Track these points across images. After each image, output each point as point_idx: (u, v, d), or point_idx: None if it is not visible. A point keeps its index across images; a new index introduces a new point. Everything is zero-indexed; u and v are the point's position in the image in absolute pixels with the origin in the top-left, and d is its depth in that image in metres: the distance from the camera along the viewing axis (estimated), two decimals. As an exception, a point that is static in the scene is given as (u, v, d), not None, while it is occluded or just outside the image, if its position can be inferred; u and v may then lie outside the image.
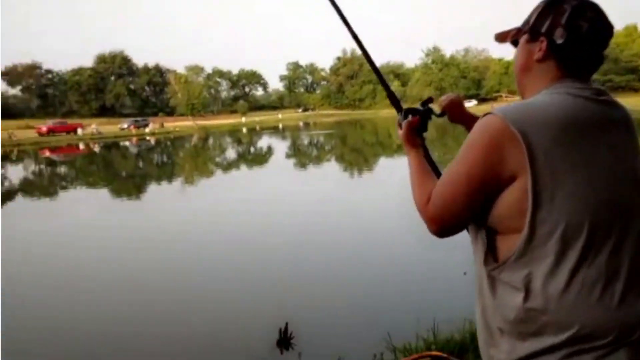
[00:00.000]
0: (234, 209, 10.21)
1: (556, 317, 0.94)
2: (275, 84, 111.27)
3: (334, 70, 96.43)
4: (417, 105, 1.39)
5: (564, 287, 0.94)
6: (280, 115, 75.94)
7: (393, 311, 4.45)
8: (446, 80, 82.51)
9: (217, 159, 25.32)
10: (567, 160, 0.95)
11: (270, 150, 28.99)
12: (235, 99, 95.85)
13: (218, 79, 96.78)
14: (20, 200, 14.43)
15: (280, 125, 59.06)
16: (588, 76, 1.09)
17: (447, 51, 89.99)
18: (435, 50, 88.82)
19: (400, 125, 1.36)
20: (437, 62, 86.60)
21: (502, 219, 1.00)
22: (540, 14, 1.09)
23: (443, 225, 1.06)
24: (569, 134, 0.97)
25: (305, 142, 34.25)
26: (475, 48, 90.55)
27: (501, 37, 1.20)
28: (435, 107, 1.41)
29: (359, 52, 1.50)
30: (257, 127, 56.43)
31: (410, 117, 1.34)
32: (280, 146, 31.87)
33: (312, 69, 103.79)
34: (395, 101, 1.46)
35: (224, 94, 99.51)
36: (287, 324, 3.93)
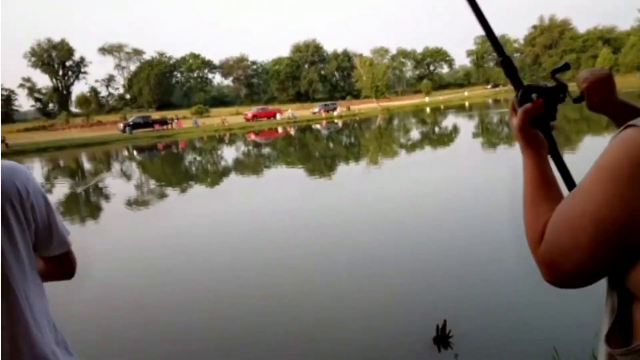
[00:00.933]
0: (415, 191, 10.29)
1: None
2: (462, 60, 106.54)
3: (529, 40, 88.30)
4: (546, 82, 0.95)
5: None
6: (466, 93, 72.81)
7: (559, 322, 3.84)
8: (673, 42, 68.36)
9: (401, 140, 25.60)
10: None
11: (455, 129, 28.15)
12: (420, 78, 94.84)
13: (402, 59, 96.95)
14: (233, 176, 16.81)
15: (467, 103, 56.63)
16: None
17: (678, 6, 74.25)
18: (661, 6, 74.13)
19: (515, 110, 0.94)
20: (662, 21, 72.29)
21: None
22: None
23: (561, 275, 0.75)
24: None
25: (495, 120, 32.28)
26: None
27: None
28: (573, 86, 0.99)
29: (559, 17, 1.11)
30: (442, 106, 55.09)
31: (533, 99, 0.92)
32: (467, 125, 30.67)
33: (504, 41, 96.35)
34: (511, 72, 0.97)
35: (408, 74, 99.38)
36: (445, 321, 3.71)
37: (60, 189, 17.15)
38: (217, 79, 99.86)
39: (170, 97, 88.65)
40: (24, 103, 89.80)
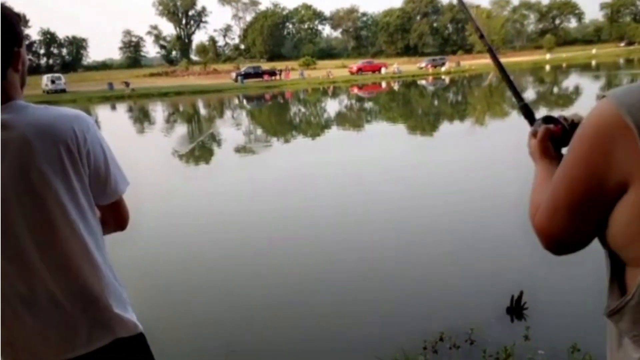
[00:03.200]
0: (517, 155, 9.83)
1: None
2: (594, 14, 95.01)
3: None
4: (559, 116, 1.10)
5: None
6: (594, 51, 65.29)
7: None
8: None
9: (513, 99, 24.10)
10: None
11: (577, 90, 25.80)
12: (543, 32, 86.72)
13: (525, 12, 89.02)
14: (334, 129, 17.22)
15: (594, 62, 51.05)
16: None
17: None
18: None
19: (534, 134, 1.09)
20: None
21: (618, 243, 0.77)
22: None
23: (551, 239, 0.84)
24: None
25: (625, 82, 28.95)
26: None
27: None
28: None
29: None
30: (564, 65, 50.27)
31: (551, 126, 1.08)
32: (590, 87, 27.92)
33: None
34: (529, 113, 1.19)
35: (530, 28, 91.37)
36: (521, 292, 3.67)
37: (179, 130, 18.85)
38: (326, 30, 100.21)
39: (280, 48, 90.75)
40: (151, 50, 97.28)
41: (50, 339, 1.20)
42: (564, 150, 0.91)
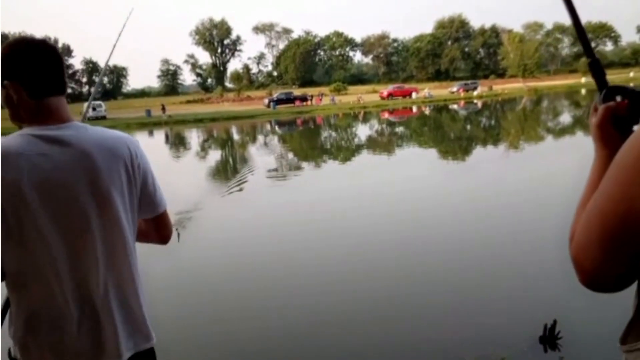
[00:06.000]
0: (557, 179, 9.63)
1: None
2: (631, 37, 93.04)
3: None
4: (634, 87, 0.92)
5: None
6: (632, 74, 63.62)
7: None
8: None
9: (549, 124, 23.67)
10: None
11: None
12: (578, 56, 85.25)
13: (558, 35, 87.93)
14: (364, 154, 17.24)
15: (631, 85, 49.64)
16: None
17: None
18: None
19: (596, 110, 0.92)
20: None
21: None
22: None
23: (586, 275, 0.73)
24: None
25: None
26: None
27: None
28: None
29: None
30: (602, 88, 48.98)
31: (616, 100, 0.90)
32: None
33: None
34: (597, 71, 0.97)
35: (564, 52, 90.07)
36: (555, 321, 3.55)
37: (213, 155, 19.27)
38: (357, 56, 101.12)
39: (312, 75, 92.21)
40: (187, 77, 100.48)
41: (100, 344, 1.26)
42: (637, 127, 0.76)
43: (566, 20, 1.07)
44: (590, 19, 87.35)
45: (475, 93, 50.70)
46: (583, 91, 47.73)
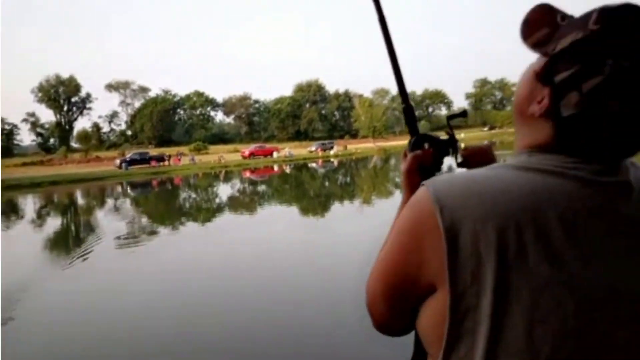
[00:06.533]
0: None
1: None
2: (460, 103, 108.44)
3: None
4: (439, 135, 1.00)
5: None
6: (462, 135, 73.62)
7: None
8: None
9: (396, 179, 25.64)
10: (511, 276, 0.62)
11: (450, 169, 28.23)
12: (419, 119, 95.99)
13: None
14: (226, 214, 16.71)
15: (462, 145, 57.05)
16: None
17: None
18: None
19: (406, 155, 0.98)
20: None
21: (425, 339, 0.73)
22: (572, 49, 0.66)
23: (376, 322, 0.81)
24: (523, 232, 0.62)
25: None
26: None
27: (528, 29, 0.72)
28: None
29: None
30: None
31: (424, 148, 0.97)
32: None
33: (502, 85, 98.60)
34: (410, 120, 1.03)
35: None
36: None
37: (52, 223, 17.03)
38: (219, 116, 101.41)
39: (171, 134, 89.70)
40: (26, 137, 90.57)
41: None
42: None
43: (409, 87, 1.06)
44: (428, 87, 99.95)
45: (332, 152, 53.59)
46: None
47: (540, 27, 0.70)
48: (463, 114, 1.05)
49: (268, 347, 4.77)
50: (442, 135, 1.01)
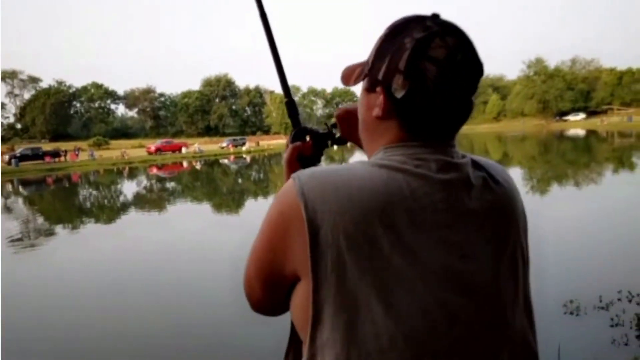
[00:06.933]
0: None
1: None
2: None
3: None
4: (319, 128, 1.05)
5: None
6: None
7: None
8: (550, 92, 78.04)
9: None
10: (366, 264, 0.68)
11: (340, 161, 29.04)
12: (329, 116, 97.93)
13: (313, 98, 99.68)
14: (132, 213, 15.77)
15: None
16: (444, 137, 0.77)
17: (552, 62, 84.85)
18: (538, 61, 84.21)
19: (287, 146, 1.04)
20: (540, 74, 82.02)
21: (297, 323, 0.77)
22: (378, 52, 0.77)
23: (252, 304, 0.85)
24: (376, 224, 0.68)
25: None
26: (583, 58, 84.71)
27: (345, 78, 0.87)
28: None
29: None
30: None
31: (305, 140, 1.02)
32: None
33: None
34: (293, 113, 1.09)
35: (318, 112, 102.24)
36: None
37: None
38: (120, 110, 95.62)
39: (67, 128, 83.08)
40: None
41: None
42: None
43: (319, 85, 0.98)
44: (337, 85, 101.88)
45: (244, 148, 52.79)
46: (335, 147, 54.36)
47: (354, 69, 0.84)
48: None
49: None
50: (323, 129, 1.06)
